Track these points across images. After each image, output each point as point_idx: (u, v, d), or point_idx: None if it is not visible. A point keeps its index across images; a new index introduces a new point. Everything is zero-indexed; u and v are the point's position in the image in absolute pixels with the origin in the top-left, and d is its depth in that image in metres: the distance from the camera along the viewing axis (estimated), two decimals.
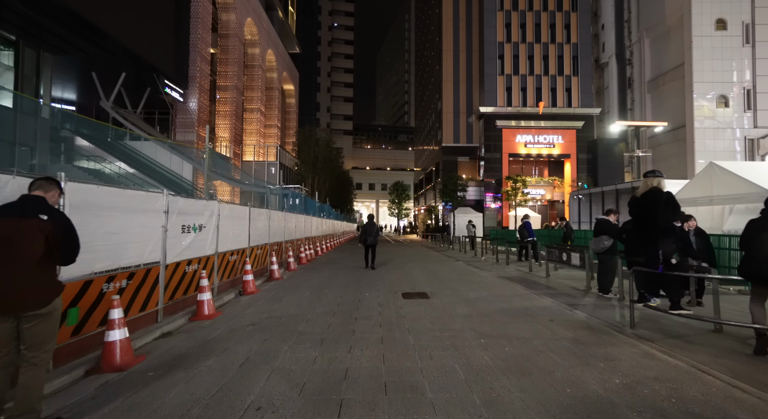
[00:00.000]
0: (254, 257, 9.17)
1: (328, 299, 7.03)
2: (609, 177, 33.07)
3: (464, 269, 11.71)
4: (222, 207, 7.19)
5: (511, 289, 7.87)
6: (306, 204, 20.76)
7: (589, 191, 17.32)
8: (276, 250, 11.32)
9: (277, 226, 11.49)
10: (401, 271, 11.15)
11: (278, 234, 11.61)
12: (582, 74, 35.11)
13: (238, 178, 30.49)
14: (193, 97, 27.38)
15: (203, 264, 6.38)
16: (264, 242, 10.03)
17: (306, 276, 10.16)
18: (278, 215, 11.74)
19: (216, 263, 6.89)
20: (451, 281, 9.00)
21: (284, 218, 12.32)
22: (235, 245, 7.86)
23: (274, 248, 11.10)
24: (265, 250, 10.13)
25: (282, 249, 11.93)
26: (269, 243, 10.48)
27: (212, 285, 6.70)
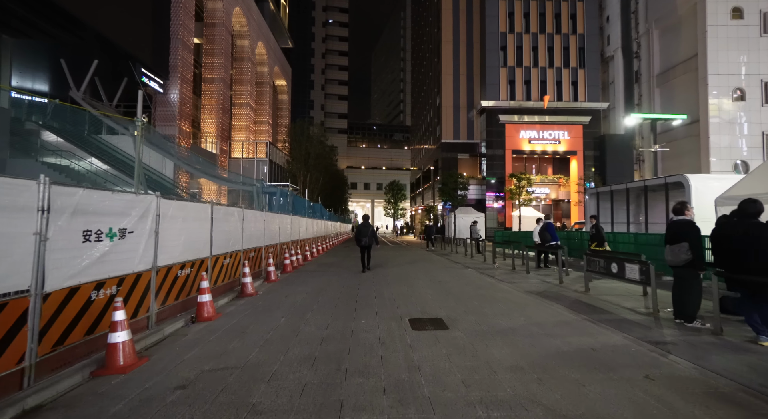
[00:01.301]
0: (220, 268, 7.24)
1: (309, 330, 5.12)
2: (618, 175, 31.41)
3: (478, 279, 9.84)
4: (165, 205, 5.26)
5: (553, 312, 6.00)
6: (294, 203, 18.82)
7: (610, 188, 15.52)
8: (253, 257, 9.39)
9: (254, 228, 9.56)
10: (404, 283, 9.26)
11: (256, 238, 9.69)
12: (589, 67, 33.45)
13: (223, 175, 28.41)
14: (174, 88, 25.36)
15: (128, 285, 4.46)
16: (236, 249, 8.11)
17: (288, 290, 8.25)
18: (256, 216, 9.81)
19: (153, 281, 4.96)
20: (468, 299, 7.12)
21: (264, 218, 10.39)
22: (187, 255, 5.93)
23: (250, 255, 9.17)
24: (237, 259, 8.20)
25: (261, 256, 10.00)
26: (243, 250, 8.55)
27: (144, 315, 4.78)
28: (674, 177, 12.11)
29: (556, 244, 11.03)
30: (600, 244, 10.51)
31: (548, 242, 11.05)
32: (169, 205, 5.39)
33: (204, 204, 6.58)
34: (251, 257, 9.28)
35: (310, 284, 9.19)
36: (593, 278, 8.74)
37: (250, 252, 9.23)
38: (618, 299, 7.00)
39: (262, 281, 9.51)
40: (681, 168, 28.55)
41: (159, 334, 4.82)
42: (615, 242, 11.50)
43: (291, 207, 20.27)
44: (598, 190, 16.49)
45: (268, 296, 7.58)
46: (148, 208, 4.87)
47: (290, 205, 20.33)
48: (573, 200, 33.12)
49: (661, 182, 12.89)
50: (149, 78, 23.48)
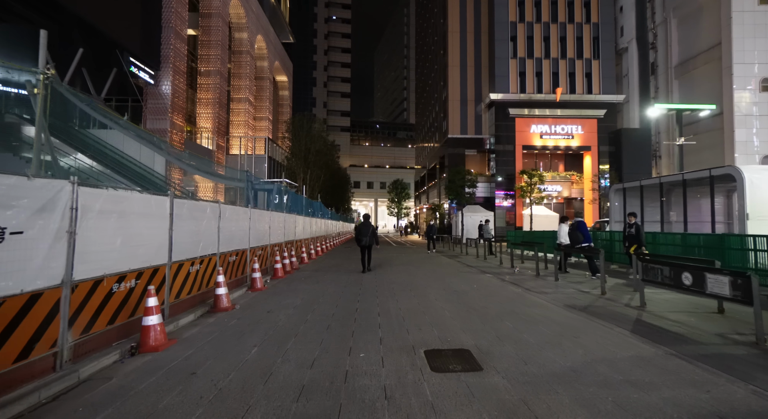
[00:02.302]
0: (184, 278, 5.78)
1: (286, 370, 3.64)
2: (635, 171, 29.75)
3: (500, 288, 8.33)
4: (88, 196, 3.79)
5: (618, 341, 4.49)
6: (291, 201, 17.36)
7: (639, 183, 13.94)
8: (234, 262, 7.93)
9: (237, 228, 8.11)
10: (413, 293, 7.76)
11: (239, 239, 8.23)
12: (603, 57, 31.72)
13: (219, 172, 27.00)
14: (166, 80, 23.98)
15: (8, 312, 3.00)
16: (209, 253, 6.65)
17: (272, 302, 6.78)
18: (239, 213, 8.35)
19: (64, 302, 3.49)
20: (497, 317, 5.62)
21: (250, 216, 8.93)
22: (129, 263, 4.47)
23: (230, 259, 7.70)
24: (211, 265, 6.74)
25: (243, 261, 8.53)
26: (219, 254, 7.09)
27: (47, 352, 3.31)
28: (722, 169, 10.53)
29: (589, 246, 9.48)
30: (638, 246, 8.97)
31: (580, 244, 9.50)
32: (96, 196, 3.92)
33: (157, 197, 5.10)
34: (232, 262, 7.82)
35: (302, 294, 7.71)
36: (631, 287, 7.19)
37: (231, 256, 7.77)
38: (688, 318, 5.47)
39: (245, 290, 8.05)
40: (701, 164, 26.84)
41: (69, 379, 3.35)
42: (655, 243, 9.95)
43: (287, 205, 18.84)
44: (625, 185, 14.91)
45: (246, 312, 6.10)
46: (54, 199, 3.40)
47: (289, 203, 18.89)
48: (587, 198, 31.43)
49: (704, 174, 11.31)
50: (138, 68, 22.11)
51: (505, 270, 11.45)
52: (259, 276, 8.40)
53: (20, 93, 21.03)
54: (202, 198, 9.54)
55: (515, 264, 11.87)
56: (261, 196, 21.73)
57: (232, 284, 7.80)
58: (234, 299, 7.08)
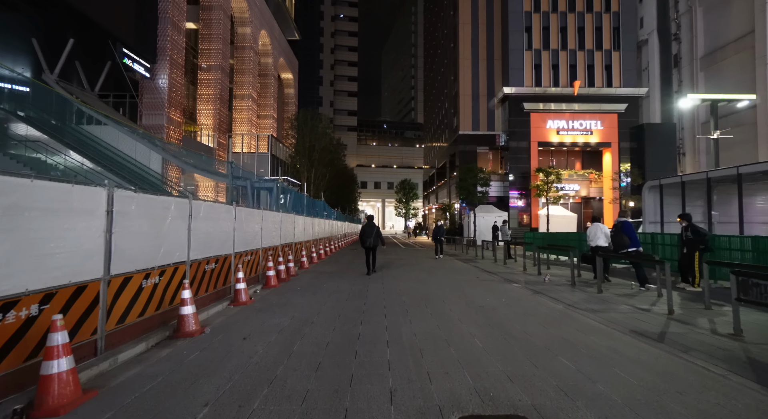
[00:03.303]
0: (134, 295, 4.40)
1: None
2: (659, 169, 27.95)
3: (536, 303, 6.85)
4: None
5: (749, 403, 3.00)
6: (291, 200, 16.02)
7: (680, 179, 12.34)
8: (212, 271, 6.55)
9: (216, 230, 6.74)
10: (430, 309, 6.31)
11: (220, 243, 6.86)
12: (624, 49, 29.91)
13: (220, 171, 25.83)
14: (162, 73, 22.80)
15: None
16: (173, 262, 5.27)
17: (253, 324, 5.37)
18: (219, 212, 6.98)
19: None
20: (550, 352, 4.14)
21: (235, 216, 7.56)
22: (30, 281, 3.09)
23: (206, 267, 6.32)
24: (177, 276, 5.36)
25: (226, 269, 7.14)
26: (191, 261, 5.72)
27: None
28: None
29: (638, 251, 7.93)
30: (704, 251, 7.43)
31: (625, 248, 7.96)
32: None
33: (81, 188, 3.71)
34: (209, 271, 6.44)
35: (294, 309, 6.30)
36: (696, 302, 5.66)
37: (209, 263, 6.40)
38: None
39: (226, 304, 6.67)
40: (733, 161, 24.99)
41: None
42: (718, 248, 8.36)
43: (288, 204, 17.50)
44: (662, 182, 13.30)
45: (216, 339, 4.71)
46: None
47: (288, 201, 17.55)
48: (606, 197, 29.67)
49: (764, 168, 9.72)
50: (133, 60, 20.96)
51: (531, 278, 9.94)
52: (243, 287, 7.01)
53: (14, 89, 19.94)
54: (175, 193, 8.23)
55: (547, 273, 10.32)
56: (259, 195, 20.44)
57: (209, 298, 6.43)
58: (206, 319, 5.70)
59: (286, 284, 9.30)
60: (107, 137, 19.57)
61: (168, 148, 21.65)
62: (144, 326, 4.60)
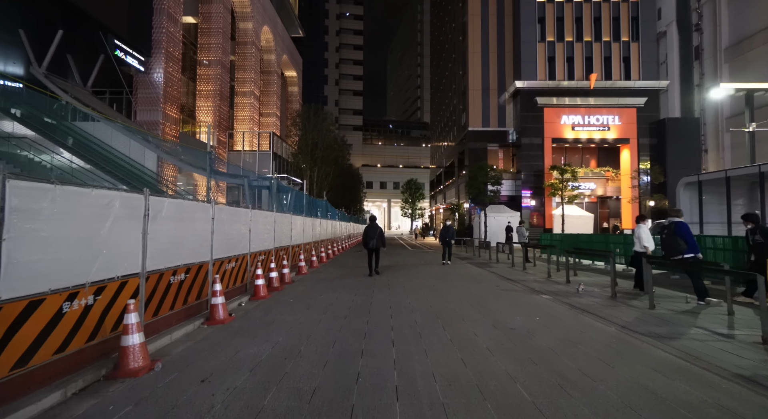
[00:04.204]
0: (53, 324, 3.19)
1: None
2: (682, 166, 26.41)
3: (581, 325, 5.55)
4: None
5: None
6: (290, 199, 14.83)
7: (724, 173, 10.95)
8: (181, 283, 5.34)
9: (187, 233, 5.54)
10: (447, 332, 5.04)
11: (189, 250, 5.65)
12: (644, 39, 28.34)
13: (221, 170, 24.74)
14: (158, 67, 21.75)
15: None
16: (120, 275, 4.07)
17: (221, 357, 4.13)
18: (194, 212, 5.78)
19: None
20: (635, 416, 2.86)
21: (213, 216, 6.35)
22: None
23: (174, 279, 5.11)
24: (124, 295, 4.14)
25: (201, 280, 5.92)
26: (147, 273, 4.52)
27: None
28: None
29: (696, 258, 6.58)
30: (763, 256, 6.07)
31: (680, 254, 6.61)
32: None
33: None
34: (176, 283, 5.23)
35: (278, 332, 5.07)
36: None
37: (175, 274, 5.19)
38: None
39: (198, 324, 5.47)
40: (760, 158, 23.41)
41: None
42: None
43: (288, 203, 16.32)
44: (701, 177, 11.90)
45: (163, 385, 3.47)
46: None
47: (286, 201, 16.36)
48: (625, 196, 28.13)
49: None
50: (126, 53, 19.92)
51: (560, 287, 8.63)
52: (221, 302, 5.80)
53: (6, 85, 18.92)
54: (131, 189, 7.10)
55: (580, 284, 8.99)
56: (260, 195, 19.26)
57: (175, 317, 5.21)
58: (166, 347, 4.49)
59: (278, 294, 8.08)
60: (100, 134, 18.57)
61: (163, 145, 20.62)
62: (64, 366, 3.39)
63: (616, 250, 11.74)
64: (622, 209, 28.70)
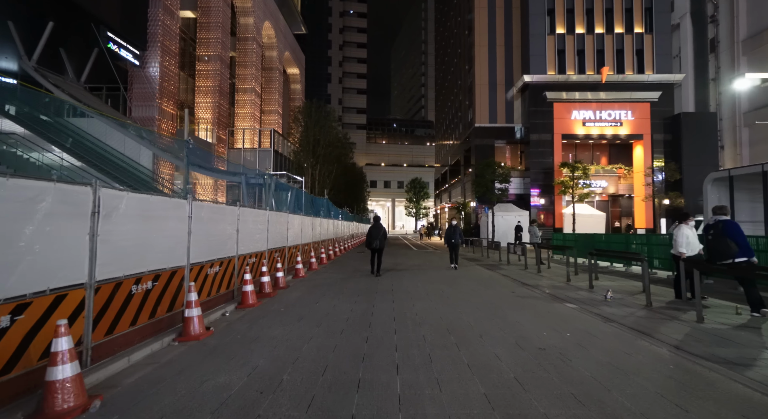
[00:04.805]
0: None
1: None
2: (698, 163, 25.40)
3: (628, 346, 4.66)
4: None
5: None
6: (288, 197, 13.99)
7: (761, 167, 9.98)
8: (149, 293, 4.50)
9: (155, 234, 4.74)
10: (463, 352, 4.17)
11: (160, 254, 4.83)
12: (658, 31, 27.23)
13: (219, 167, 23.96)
14: (153, 61, 20.99)
15: None
16: (44, 289, 3.24)
17: (182, 389, 3.28)
18: (165, 207, 4.95)
19: None
20: None
21: (190, 214, 5.52)
22: None
23: (138, 288, 4.28)
24: (56, 316, 3.31)
25: (173, 289, 5.08)
26: (97, 283, 3.70)
27: None
28: None
29: (749, 262, 5.65)
30: None
31: (731, 257, 5.69)
32: None
33: None
34: (139, 294, 4.39)
35: (259, 354, 4.21)
36: None
37: (138, 283, 4.36)
38: None
39: (168, 341, 4.64)
40: None
41: None
42: None
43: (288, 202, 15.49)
44: (732, 172, 10.93)
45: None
46: None
47: (284, 199, 15.53)
48: (638, 194, 27.07)
49: None
50: (119, 46, 19.19)
51: (583, 293, 7.72)
52: (196, 315, 4.96)
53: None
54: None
55: (609, 291, 8.06)
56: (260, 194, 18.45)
57: (138, 333, 4.38)
58: (117, 376, 3.64)
59: (269, 301, 7.24)
60: (95, 131, 17.85)
61: (158, 141, 19.87)
62: None
63: (644, 251, 10.81)
64: (635, 207, 27.64)
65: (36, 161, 15.90)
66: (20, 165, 15.12)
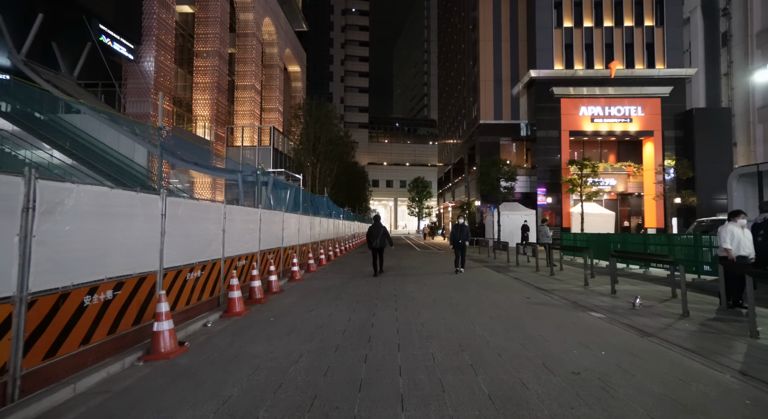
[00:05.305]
0: None
1: None
2: (712, 159, 24.56)
3: (681, 371, 3.91)
4: None
5: None
6: (285, 195, 13.27)
7: None
8: (109, 304, 3.79)
9: (114, 235, 4.02)
10: (485, 383, 3.43)
11: (123, 259, 4.13)
12: (669, 24, 26.35)
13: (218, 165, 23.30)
14: (149, 56, 20.33)
15: None
16: None
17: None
18: (126, 206, 4.24)
19: None
20: None
21: (163, 211, 4.81)
22: None
23: (92, 300, 3.56)
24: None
25: (139, 300, 4.36)
26: (30, 296, 2.99)
27: None
28: None
29: None
30: None
31: None
32: None
33: None
34: (94, 306, 3.69)
35: (233, 381, 3.49)
36: None
37: (95, 292, 3.66)
38: None
39: (132, 360, 3.93)
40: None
41: None
42: None
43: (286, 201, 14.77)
44: (762, 167, 10.13)
45: None
46: None
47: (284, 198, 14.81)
48: (648, 193, 26.22)
49: None
50: (112, 39, 18.54)
51: (606, 299, 6.97)
52: (167, 329, 4.23)
53: None
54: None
55: (637, 299, 7.30)
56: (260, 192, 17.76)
57: (94, 352, 3.68)
58: (53, 412, 2.93)
59: (259, 308, 6.53)
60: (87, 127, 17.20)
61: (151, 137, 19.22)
62: None
63: (667, 253, 10.03)
64: (644, 206, 26.79)
65: (24, 158, 15.26)
66: (7, 162, 14.47)
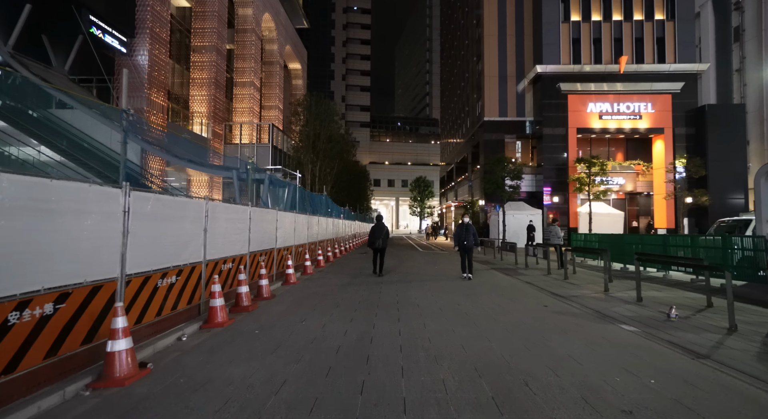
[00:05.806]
0: None
1: None
2: (724, 159, 23.75)
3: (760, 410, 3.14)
4: None
5: None
6: (287, 194, 12.53)
7: None
8: (50, 319, 3.06)
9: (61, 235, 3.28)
10: None
11: (71, 264, 3.38)
12: (680, 17, 25.51)
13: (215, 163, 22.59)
14: (142, 49, 19.66)
15: None
16: None
17: None
18: (87, 202, 3.50)
19: None
20: None
21: (126, 208, 4.08)
22: None
23: (22, 316, 2.83)
24: None
25: (92, 313, 3.63)
26: None
27: None
28: None
29: None
30: None
31: None
32: None
33: None
34: (25, 324, 2.96)
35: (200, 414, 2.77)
36: None
37: (27, 307, 2.93)
38: None
39: (79, 388, 3.20)
40: None
41: None
42: None
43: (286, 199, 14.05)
44: None
45: None
46: None
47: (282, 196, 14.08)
48: (658, 192, 25.37)
49: None
50: (104, 31, 17.86)
51: (633, 308, 6.22)
52: (124, 349, 3.51)
53: None
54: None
55: (673, 310, 6.56)
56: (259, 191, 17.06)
57: (28, 380, 2.95)
58: None
59: (245, 318, 5.81)
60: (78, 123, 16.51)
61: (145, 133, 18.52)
62: None
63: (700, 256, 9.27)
64: (654, 206, 25.96)
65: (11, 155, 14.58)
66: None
